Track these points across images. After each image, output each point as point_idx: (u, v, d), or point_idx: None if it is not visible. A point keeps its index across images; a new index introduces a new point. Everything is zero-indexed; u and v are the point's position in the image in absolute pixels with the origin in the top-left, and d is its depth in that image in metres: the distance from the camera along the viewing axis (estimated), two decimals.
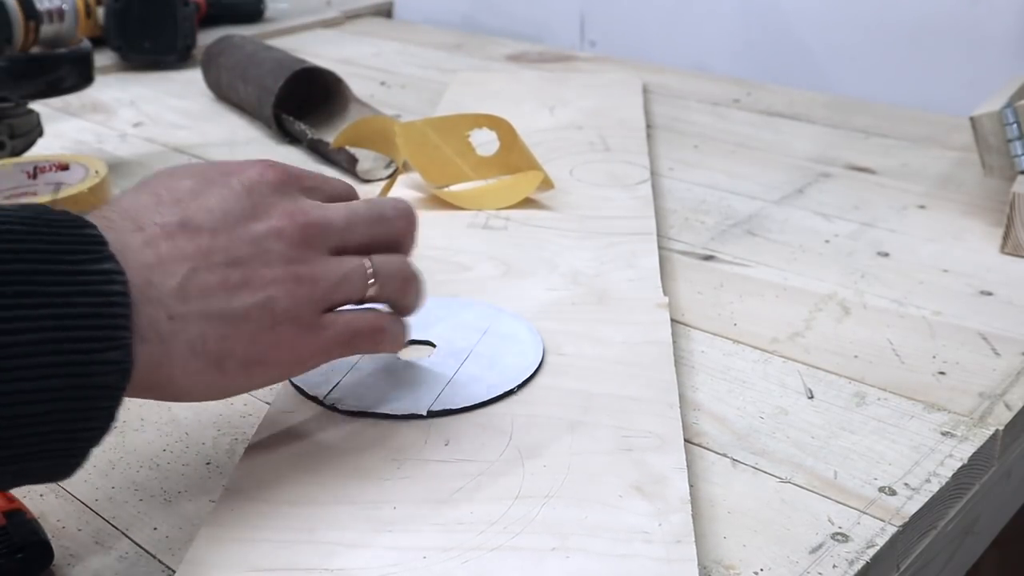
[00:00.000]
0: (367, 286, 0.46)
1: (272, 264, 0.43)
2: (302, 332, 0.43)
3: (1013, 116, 0.75)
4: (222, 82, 1.05)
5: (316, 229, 0.44)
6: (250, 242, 0.42)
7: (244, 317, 0.41)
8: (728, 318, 0.64)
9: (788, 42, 1.25)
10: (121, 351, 0.37)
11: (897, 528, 0.45)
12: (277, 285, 0.42)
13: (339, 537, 0.42)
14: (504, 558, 0.41)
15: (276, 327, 0.42)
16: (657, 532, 0.42)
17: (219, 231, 0.42)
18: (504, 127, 0.80)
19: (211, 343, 0.41)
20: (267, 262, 0.43)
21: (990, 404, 0.55)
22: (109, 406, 0.38)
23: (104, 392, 0.37)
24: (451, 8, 1.53)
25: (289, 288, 0.43)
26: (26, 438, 0.36)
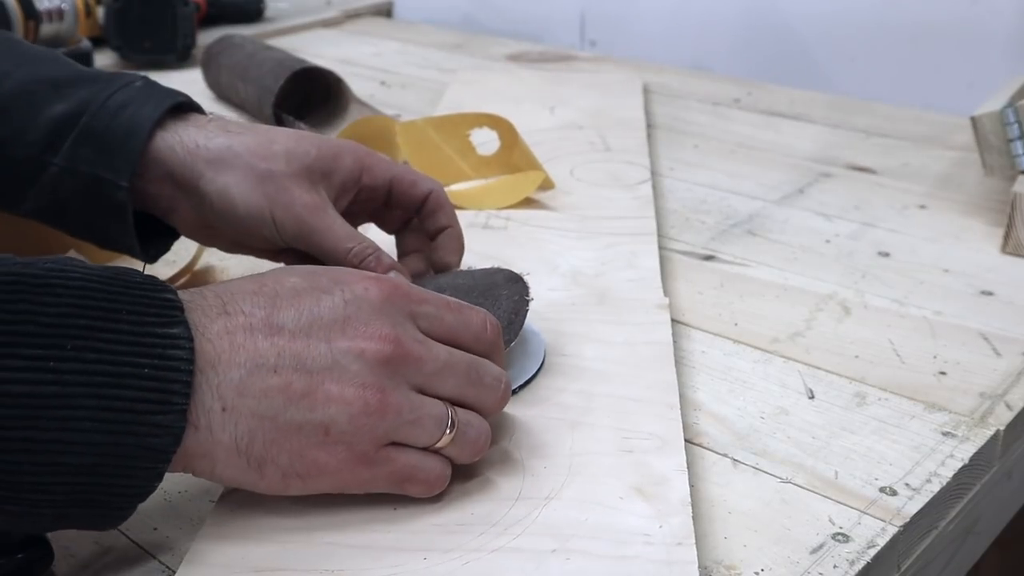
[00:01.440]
0: (440, 438, 0.43)
1: (343, 383, 0.41)
2: (352, 461, 0.41)
3: (1014, 116, 0.75)
4: (222, 82, 1.05)
5: (401, 361, 0.42)
6: (327, 354, 0.41)
7: (296, 429, 0.40)
8: (728, 318, 0.64)
9: (788, 42, 1.25)
10: (174, 416, 0.38)
11: (898, 528, 0.45)
12: (340, 406, 0.41)
13: (339, 538, 0.42)
14: (505, 559, 0.41)
15: (327, 447, 0.41)
16: (658, 534, 0.42)
17: (298, 335, 0.41)
18: (505, 127, 0.80)
19: (257, 445, 0.40)
20: (339, 379, 0.41)
21: (991, 404, 0.55)
22: (154, 468, 0.38)
23: (150, 454, 0.38)
24: (451, 8, 1.53)
25: (353, 413, 0.41)
26: (67, 487, 0.37)
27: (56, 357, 0.36)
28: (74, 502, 0.37)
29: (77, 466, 0.36)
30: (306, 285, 0.43)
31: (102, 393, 0.36)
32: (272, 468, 0.41)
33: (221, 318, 0.40)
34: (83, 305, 0.37)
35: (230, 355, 0.40)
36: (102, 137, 0.54)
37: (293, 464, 0.41)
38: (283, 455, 0.41)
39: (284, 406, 0.40)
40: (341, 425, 0.41)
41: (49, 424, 0.36)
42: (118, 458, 0.37)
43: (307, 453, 0.41)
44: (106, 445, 0.36)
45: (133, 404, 0.37)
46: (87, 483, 0.37)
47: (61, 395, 0.36)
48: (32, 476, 0.36)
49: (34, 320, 0.36)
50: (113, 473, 0.37)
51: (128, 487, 0.38)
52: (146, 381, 0.37)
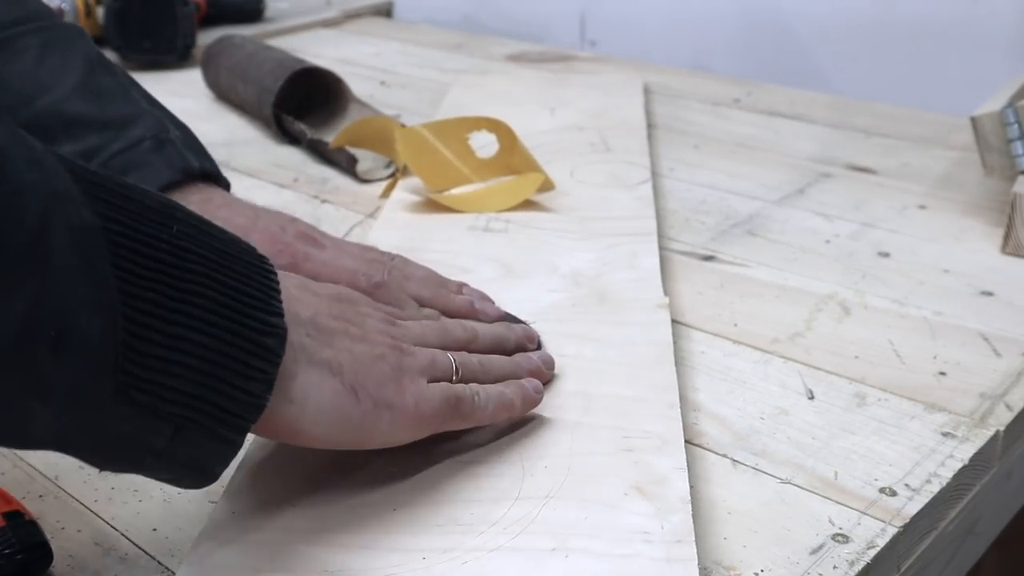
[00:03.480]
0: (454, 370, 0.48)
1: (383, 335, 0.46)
2: (418, 385, 0.45)
3: (1014, 116, 0.75)
4: (222, 82, 1.05)
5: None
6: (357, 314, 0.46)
7: (369, 360, 0.43)
8: (728, 318, 0.64)
9: (788, 42, 1.25)
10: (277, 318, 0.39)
11: (898, 529, 0.45)
12: (387, 347, 0.45)
13: (339, 538, 0.42)
14: (504, 559, 0.41)
15: (397, 378, 0.44)
16: (657, 532, 0.42)
17: (334, 300, 0.46)
18: (503, 130, 0.80)
19: (347, 369, 0.42)
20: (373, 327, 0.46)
21: (991, 405, 0.55)
22: (266, 369, 0.38)
23: (262, 351, 0.38)
24: (451, 8, 1.53)
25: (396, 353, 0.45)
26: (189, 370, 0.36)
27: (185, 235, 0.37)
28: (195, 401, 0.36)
29: (200, 345, 0.36)
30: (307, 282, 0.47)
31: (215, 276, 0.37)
32: (364, 394, 0.42)
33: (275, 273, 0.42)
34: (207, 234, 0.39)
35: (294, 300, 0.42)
36: None
37: (379, 391, 0.43)
38: (370, 382, 0.43)
39: (352, 343, 0.43)
40: (396, 361, 0.45)
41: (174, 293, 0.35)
42: (235, 348, 0.37)
43: (386, 383, 0.43)
44: (223, 329, 0.37)
45: (241, 297, 0.38)
46: (208, 372, 0.36)
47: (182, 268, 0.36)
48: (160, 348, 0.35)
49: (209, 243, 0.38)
50: (230, 366, 0.37)
51: (245, 392, 0.37)
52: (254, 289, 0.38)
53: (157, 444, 0.36)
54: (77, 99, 0.58)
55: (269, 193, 0.84)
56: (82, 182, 0.34)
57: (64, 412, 0.33)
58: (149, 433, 0.36)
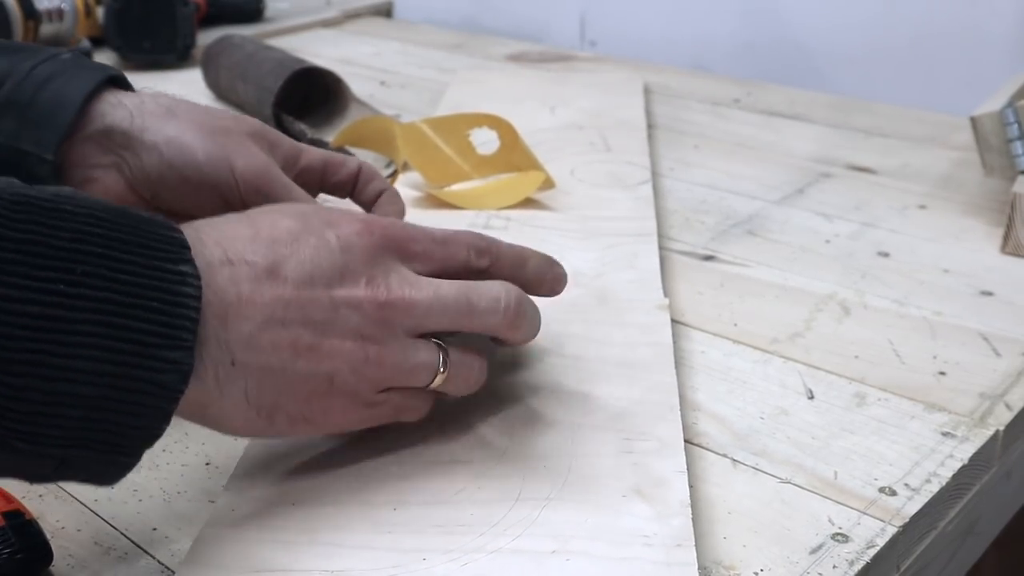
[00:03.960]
0: (433, 380, 0.45)
1: (345, 336, 0.42)
2: (355, 405, 0.44)
3: (1013, 116, 0.75)
4: (222, 82, 1.05)
5: (393, 310, 0.43)
6: (329, 307, 0.42)
7: (303, 379, 0.41)
8: (728, 318, 0.64)
9: (788, 42, 1.25)
10: (182, 352, 0.37)
11: (897, 529, 0.45)
12: (343, 359, 0.42)
13: (339, 538, 0.42)
14: (504, 560, 0.41)
15: (332, 396, 0.42)
16: (657, 535, 0.42)
17: (302, 286, 0.41)
18: (505, 127, 0.80)
19: (266, 396, 0.41)
20: (341, 332, 0.42)
21: (990, 404, 0.55)
22: (162, 406, 0.37)
23: (158, 390, 0.37)
24: (451, 8, 1.53)
25: (355, 366, 0.42)
26: (74, 421, 0.35)
27: (66, 280, 0.35)
28: (80, 441, 0.36)
29: (85, 397, 0.35)
30: (300, 227, 0.43)
31: (111, 322, 0.35)
32: (281, 416, 0.42)
33: (225, 267, 0.40)
34: (94, 233, 0.36)
35: (238, 308, 0.40)
36: (26, 109, 0.52)
37: (301, 411, 0.42)
38: (291, 403, 0.42)
39: (292, 359, 0.41)
40: (344, 376, 0.42)
41: (57, 349, 0.34)
42: (126, 392, 0.36)
43: (313, 401, 0.42)
44: (114, 376, 0.35)
45: (142, 336, 0.36)
46: (94, 418, 0.36)
47: (69, 320, 0.35)
48: (40, 405, 0.35)
49: (45, 242, 0.35)
50: (120, 409, 0.36)
51: (135, 427, 0.37)
52: (155, 315, 0.36)
53: (43, 472, 0.37)
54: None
55: None
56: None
57: None
58: (34, 467, 0.36)
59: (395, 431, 0.49)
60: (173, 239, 0.38)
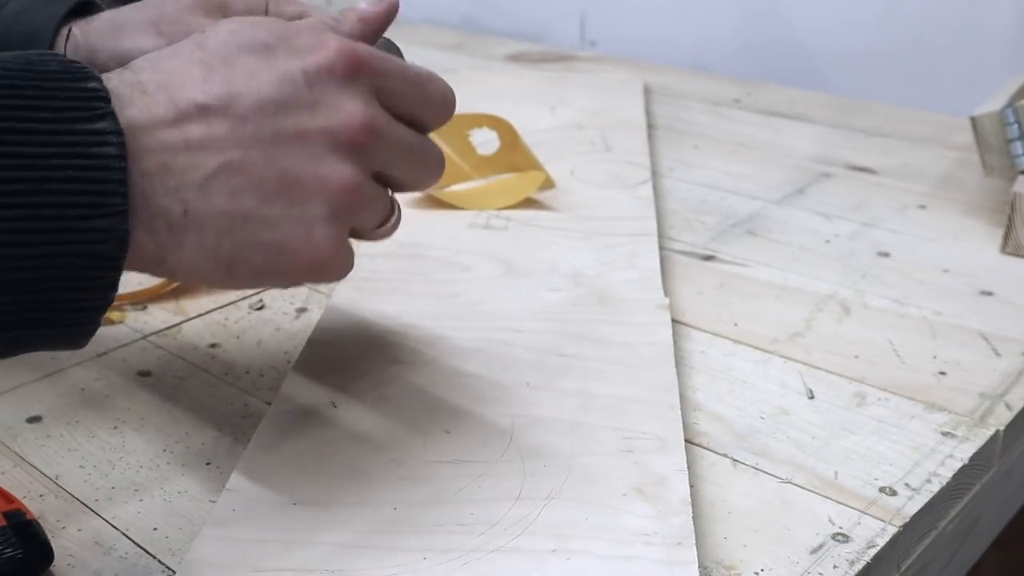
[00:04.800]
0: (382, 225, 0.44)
1: (321, 171, 0.38)
2: (332, 239, 0.39)
3: (1013, 116, 0.75)
4: None
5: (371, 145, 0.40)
6: (298, 141, 0.38)
7: (273, 225, 0.38)
8: (728, 318, 0.64)
9: (788, 42, 1.25)
10: (113, 219, 0.34)
11: (898, 528, 0.45)
12: (321, 198, 0.38)
13: (340, 538, 0.42)
14: (505, 559, 0.41)
15: (309, 242, 0.39)
16: (658, 534, 0.42)
17: (265, 120, 0.37)
18: (505, 127, 0.80)
19: (227, 248, 0.37)
20: (316, 167, 0.38)
21: (991, 404, 0.55)
22: (103, 276, 0.35)
23: (95, 262, 0.34)
24: (451, 8, 1.53)
25: (334, 204, 0.39)
26: (9, 306, 0.33)
27: None
28: (23, 323, 0.34)
29: (13, 283, 0.33)
30: (262, 53, 0.39)
31: (22, 202, 0.33)
32: (243, 269, 0.38)
33: (169, 107, 0.36)
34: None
35: (188, 155, 0.36)
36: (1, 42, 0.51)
37: (266, 263, 0.38)
38: (256, 255, 0.38)
39: (258, 203, 0.37)
40: (320, 213, 0.39)
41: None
42: (58, 270, 0.34)
43: (286, 248, 0.38)
44: (40, 258, 0.33)
45: (61, 211, 0.33)
46: (30, 300, 0.34)
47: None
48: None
49: None
50: (58, 288, 0.34)
51: (80, 300, 0.35)
52: (72, 183, 0.33)
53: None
54: None
55: None
56: None
57: None
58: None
59: (396, 431, 0.49)
60: (87, 91, 0.35)
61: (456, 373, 0.54)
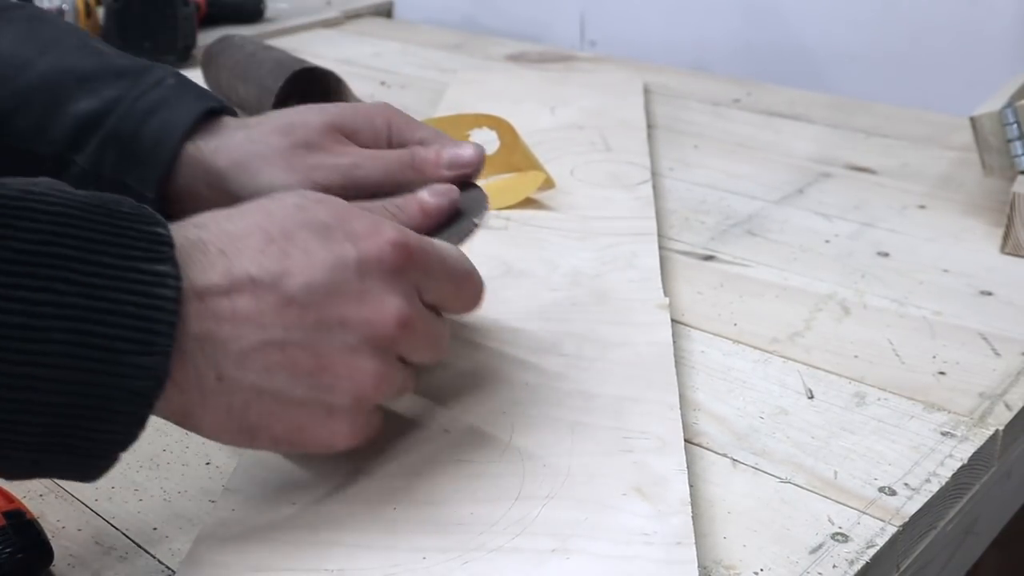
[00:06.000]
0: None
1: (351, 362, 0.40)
2: (350, 427, 0.42)
3: (1013, 116, 0.75)
4: (222, 82, 1.05)
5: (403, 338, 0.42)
6: (337, 330, 0.40)
7: (299, 404, 0.40)
8: (728, 318, 0.64)
9: (788, 42, 1.25)
10: (157, 358, 0.36)
11: (897, 528, 0.46)
12: (347, 385, 0.40)
13: (339, 537, 0.42)
14: (504, 559, 0.41)
15: (329, 423, 0.41)
16: (657, 534, 0.42)
17: (310, 308, 0.39)
18: (505, 127, 0.80)
19: (252, 416, 0.39)
20: (347, 357, 0.40)
21: (990, 404, 0.55)
22: (135, 412, 0.36)
23: (130, 397, 0.36)
24: (451, 8, 1.53)
25: (357, 393, 0.41)
26: (40, 428, 0.35)
27: (28, 287, 0.34)
28: (48, 446, 0.35)
29: (49, 405, 0.34)
30: (320, 235, 0.40)
31: (77, 328, 0.34)
32: (265, 436, 0.40)
33: (224, 276, 0.38)
34: (61, 233, 0.35)
35: (232, 326, 0.38)
36: (129, 143, 0.52)
37: (289, 435, 0.40)
38: (279, 426, 0.40)
39: (288, 383, 0.39)
40: (345, 404, 0.41)
41: (18, 357, 0.33)
42: (95, 399, 0.35)
43: (308, 428, 0.40)
44: (81, 384, 0.34)
45: (111, 342, 0.35)
46: (62, 425, 0.35)
47: (31, 327, 0.33)
48: (4, 412, 0.34)
49: (6, 245, 0.34)
50: (90, 416, 0.35)
51: (108, 433, 0.36)
52: (127, 319, 0.35)
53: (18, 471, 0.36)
54: (82, 56, 0.54)
55: None
56: None
57: None
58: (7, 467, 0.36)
59: (394, 431, 0.49)
60: (153, 235, 0.37)
61: (456, 373, 0.54)
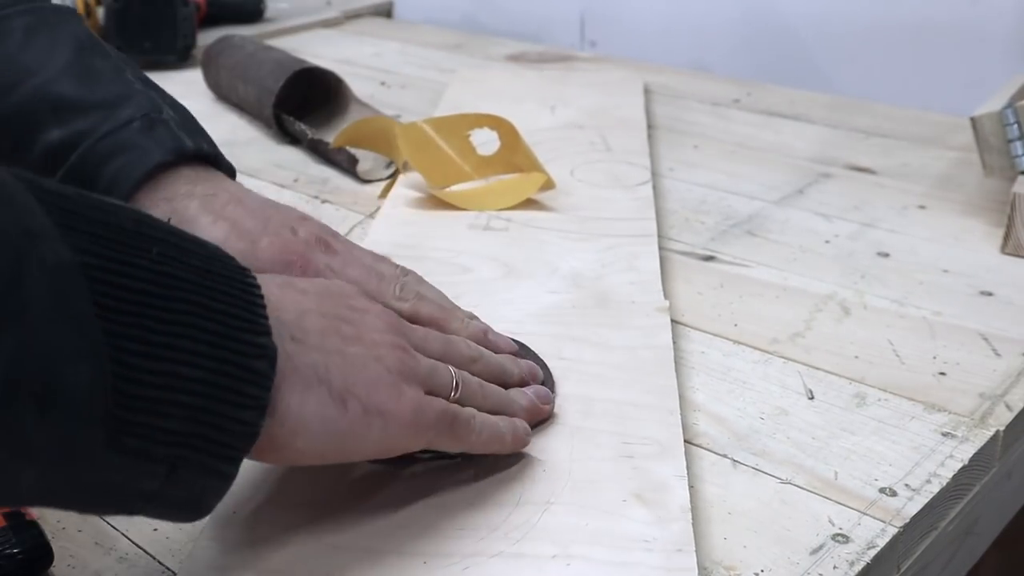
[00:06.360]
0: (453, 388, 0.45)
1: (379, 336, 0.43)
2: (416, 393, 0.43)
3: (1013, 116, 0.75)
4: (222, 82, 1.05)
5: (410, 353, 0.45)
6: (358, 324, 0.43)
7: (362, 363, 0.41)
8: (728, 319, 0.64)
9: (788, 42, 1.25)
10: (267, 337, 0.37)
11: (898, 529, 0.46)
12: (385, 348, 0.43)
13: (339, 541, 0.42)
14: (505, 565, 0.41)
15: (392, 385, 0.42)
16: (657, 540, 0.42)
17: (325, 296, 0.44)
18: (506, 127, 0.80)
19: (334, 374, 0.40)
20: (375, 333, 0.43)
21: (991, 405, 0.55)
22: (260, 396, 0.36)
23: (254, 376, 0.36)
24: (451, 8, 1.53)
25: (396, 354, 0.43)
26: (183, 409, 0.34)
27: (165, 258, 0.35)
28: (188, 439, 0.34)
29: (192, 380, 0.34)
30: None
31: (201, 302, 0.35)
32: (353, 401, 0.40)
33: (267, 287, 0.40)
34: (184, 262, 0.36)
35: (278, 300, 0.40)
36: (89, 182, 0.53)
37: (371, 397, 0.41)
38: (359, 386, 0.40)
39: (343, 344, 0.41)
40: (396, 364, 0.42)
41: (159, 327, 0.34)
42: (226, 377, 0.35)
43: (381, 387, 0.41)
44: (212, 358, 0.35)
45: (228, 319, 0.36)
46: (202, 408, 0.34)
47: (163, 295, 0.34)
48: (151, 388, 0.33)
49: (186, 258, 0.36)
50: (224, 398, 0.35)
51: (238, 423, 0.36)
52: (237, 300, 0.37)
53: (150, 488, 0.34)
54: (65, 81, 0.55)
55: (270, 193, 0.83)
56: (54, 212, 0.32)
57: (52, 469, 0.32)
58: (142, 478, 0.34)
59: None
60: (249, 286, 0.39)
61: None
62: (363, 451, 0.41)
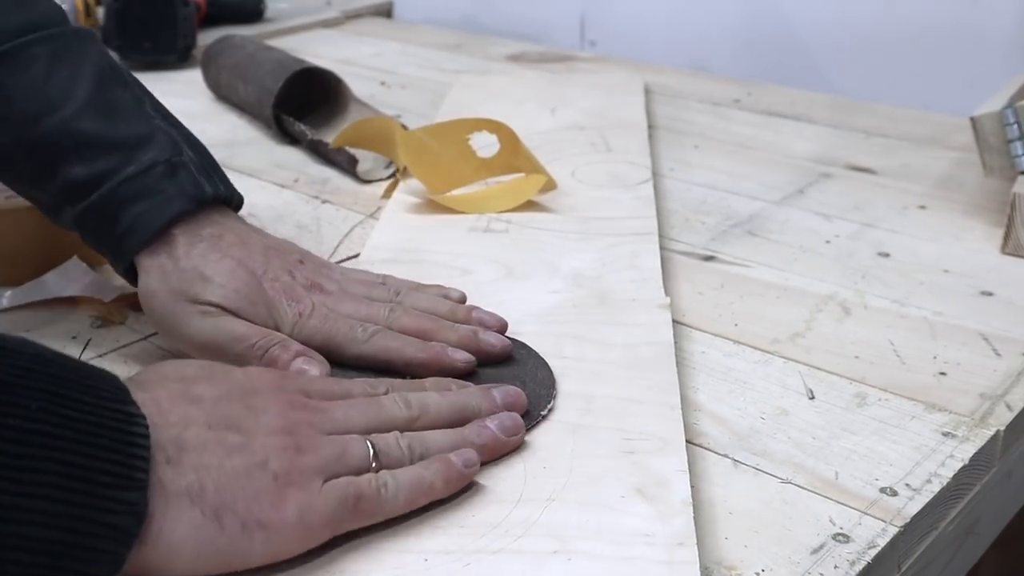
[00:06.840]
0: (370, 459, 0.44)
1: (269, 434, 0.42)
2: (304, 494, 0.41)
3: (1013, 116, 0.75)
4: (222, 82, 1.05)
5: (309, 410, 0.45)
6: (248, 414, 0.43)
7: (244, 474, 0.40)
8: (729, 319, 0.64)
9: (788, 42, 1.25)
10: (137, 493, 0.37)
11: (898, 529, 0.46)
12: (275, 451, 0.42)
13: (340, 539, 0.42)
14: (506, 561, 0.41)
15: (279, 492, 0.41)
16: (659, 535, 0.42)
17: (219, 402, 0.43)
18: (505, 131, 0.80)
19: (210, 492, 0.39)
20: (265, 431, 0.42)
21: (991, 405, 0.55)
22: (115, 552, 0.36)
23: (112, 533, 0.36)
24: (451, 8, 1.53)
25: (288, 455, 0.42)
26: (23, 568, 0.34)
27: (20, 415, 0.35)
28: None
29: (38, 540, 0.34)
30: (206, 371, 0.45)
31: (64, 459, 0.35)
32: (230, 518, 0.39)
33: (140, 392, 0.40)
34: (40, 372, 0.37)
35: (161, 417, 0.40)
36: (108, 223, 0.55)
37: (250, 510, 0.40)
38: (237, 501, 0.40)
39: (225, 456, 0.40)
40: (284, 466, 0.41)
41: (9, 487, 0.34)
42: (79, 536, 0.35)
43: (261, 498, 0.40)
44: (66, 517, 0.35)
45: (94, 475, 0.35)
46: (46, 565, 0.34)
47: (23, 455, 0.34)
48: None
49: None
50: (72, 555, 0.35)
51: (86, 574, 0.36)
52: (107, 452, 0.36)
53: None
54: (87, 117, 0.56)
55: (269, 193, 0.84)
56: None
57: None
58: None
59: None
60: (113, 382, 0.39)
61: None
62: (250, 563, 0.40)
